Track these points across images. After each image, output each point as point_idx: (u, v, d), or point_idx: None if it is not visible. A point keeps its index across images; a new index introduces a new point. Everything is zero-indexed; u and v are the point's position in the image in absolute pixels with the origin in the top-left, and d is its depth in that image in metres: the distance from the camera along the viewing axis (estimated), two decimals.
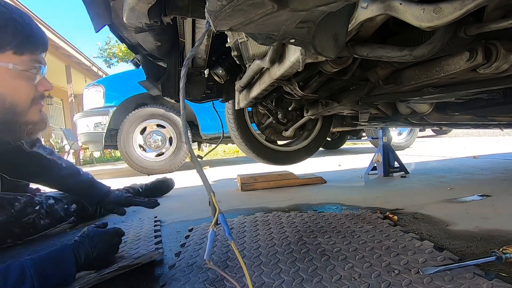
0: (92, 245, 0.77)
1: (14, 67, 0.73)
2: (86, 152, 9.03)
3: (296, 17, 0.43)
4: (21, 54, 0.75)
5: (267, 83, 0.97)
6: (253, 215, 1.25)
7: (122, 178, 3.35)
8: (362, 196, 1.53)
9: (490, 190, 1.44)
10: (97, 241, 0.78)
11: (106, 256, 0.80)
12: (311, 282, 0.66)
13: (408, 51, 0.63)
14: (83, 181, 1.08)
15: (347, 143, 6.37)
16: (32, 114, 0.80)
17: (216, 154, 6.94)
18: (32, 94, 0.79)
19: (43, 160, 1.03)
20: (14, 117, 0.77)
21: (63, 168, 1.06)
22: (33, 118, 0.81)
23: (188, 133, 3.60)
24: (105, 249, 0.79)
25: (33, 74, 0.78)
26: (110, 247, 0.81)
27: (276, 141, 1.97)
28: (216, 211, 0.56)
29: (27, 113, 0.79)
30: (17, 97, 0.76)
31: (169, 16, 0.76)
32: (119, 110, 3.45)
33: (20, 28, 0.74)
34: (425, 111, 1.30)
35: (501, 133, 6.15)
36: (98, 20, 0.78)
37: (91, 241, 0.78)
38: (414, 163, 2.81)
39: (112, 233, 0.85)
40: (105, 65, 16.69)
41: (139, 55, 1.25)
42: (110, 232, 0.85)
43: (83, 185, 1.06)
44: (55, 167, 1.05)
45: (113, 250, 0.83)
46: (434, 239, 0.88)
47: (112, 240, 0.83)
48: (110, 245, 0.81)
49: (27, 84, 0.77)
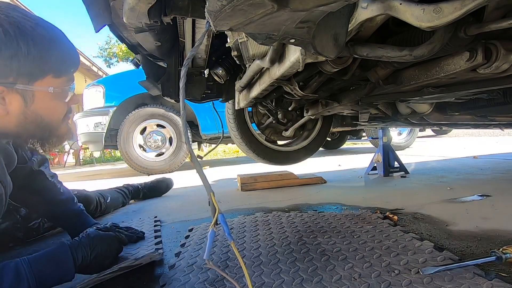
0: (91, 247, 0.76)
1: (54, 90, 0.75)
2: (86, 152, 9.03)
3: (296, 17, 0.43)
4: (59, 77, 0.76)
5: (267, 83, 0.97)
6: (253, 215, 1.25)
7: (122, 178, 3.35)
8: (362, 196, 1.53)
9: (490, 190, 1.44)
10: (97, 243, 0.77)
11: (103, 260, 0.78)
12: (311, 282, 0.66)
13: (408, 51, 0.63)
14: (73, 210, 1.06)
15: (347, 143, 6.37)
16: (63, 128, 0.83)
17: (216, 154, 6.94)
18: (65, 111, 0.82)
19: (45, 180, 1.04)
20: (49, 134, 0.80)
21: (60, 193, 1.06)
22: (63, 131, 0.84)
23: (188, 133, 3.60)
24: (104, 253, 0.78)
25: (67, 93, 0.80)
26: (109, 251, 0.80)
27: (276, 141, 1.97)
28: (216, 211, 0.56)
29: (59, 128, 0.82)
30: (53, 116, 0.79)
31: (169, 16, 0.76)
32: (119, 110, 3.45)
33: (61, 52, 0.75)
34: (425, 111, 1.30)
35: (501, 133, 6.15)
36: (98, 20, 0.78)
37: (91, 242, 0.77)
38: (414, 163, 2.81)
39: (113, 238, 0.84)
40: (105, 65, 16.72)
41: (139, 55, 1.25)
42: (111, 236, 0.84)
43: (71, 214, 1.05)
44: (53, 190, 1.05)
45: (112, 255, 0.81)
46: (434, 239, 0.88)
47: (112, 245, 0.82)
48: (109, 249, 0.80)
49: (61, 103, 0.80)
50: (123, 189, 1.75)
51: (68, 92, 0.80)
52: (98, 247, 0.77)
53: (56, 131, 0.81)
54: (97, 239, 0.79)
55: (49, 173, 1.06)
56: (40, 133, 0.78)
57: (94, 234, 0.80)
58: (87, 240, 0.77)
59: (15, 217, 1.08)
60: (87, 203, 1.35)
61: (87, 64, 9.53)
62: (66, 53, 0.77)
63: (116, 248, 0.83)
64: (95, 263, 0.76)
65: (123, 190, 1.73)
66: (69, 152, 7.86)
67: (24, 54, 0.67)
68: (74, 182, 3.43)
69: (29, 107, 0.72)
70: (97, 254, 0.76)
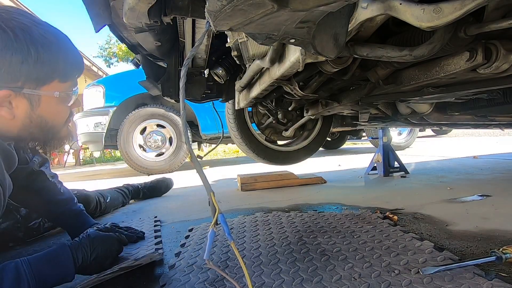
0: (91, 247, 0.76)
1: (60, 94, 0.76)
2: (86, 152, 9.03)
3: (296, 17, 0.43)
4: (65, 82, 0.77)
5: (267, 83, 0.97)
6: (253, 215, 1.25)
7: (122, 178, 3.35)
8: (362, 196, 1.53)
9: (490, 190, 1.44)
10: (97, 244, 0.77)
11: (104, 261, 0.78)
12: (311, 282, 0.66)
13: (408, 51, 0.63)
14: (73, 210, 1.06)
15: (347, 143, 6.37)
16: (64, 130, 0.85)
17: (216, 154, 6.94)
18: (68, 114, 0.84)
19: (46, 181, 1.05)
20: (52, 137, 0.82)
21: (60, 193, 1.06)
22: (64, 134, 0.85)
23: (188, 133, 3.60)
24: (104, 254, 0.78)
25: (71, 97, 0.81)
26: (109, 252, 0.80)
27: (276, 141, 1.97)
28: (216, 211, 0.56)
29: (61, 131, 0.84)
30: (57, 120, 0.80)
31: (169, 16, 0.76)
32: (119, 110, 3.45)
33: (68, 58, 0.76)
34: (425, 111, 1.30)
35: (501, 133, 6.15)
36: (98, 20, 0.78)
37: (91, 243, 0.77)
38: (414, 163, 2.81)
39: (113, 239, 0.83)
40: (105, 64, 16.70)
41: (139, 55, 1.25)
42: (112, 237, 0.84)
43: (71, 214, 1.05)
44: (54, 190, 1.05)
45: (112, 256, 0.81)
46: (434, 239, 0.88)
47: (112, 246, 0.81)
48: (109, 250, 0.80)
49: (65, 107, 0.81)
50: (123, 189, 1.75)
51: (72, 96, 0.81)
52: (98, 248, 0.77)
53: (58, 134, 0.83)
54: (98, 239, 0.79)
55: (50, 173, 1.07)
56: (43, 136, 0.80)
57: (94, 234, 0.80)
58: (87, 240, 0.77)
59: (15, 216, 1.08)
60: (87, 203, 1.35)
61: (87, 64, 9.54)
62: (72, 59, 0.79)
63: (116, 249, 0.83)
64: (95, 264, 0.76)
65: (123, 190, 1.73)
66: (69, 152, 7.86)
67: (34, 60, 0.68)
68: (74, 182, 3.43)
69: (34, 111, 0.74)
70: (97, 255, 0.76)
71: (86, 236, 0.79)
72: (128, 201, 1.76)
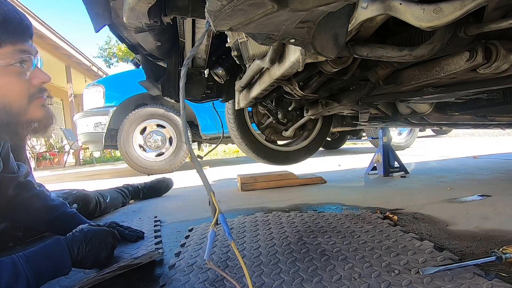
0: (85, 240, 0.77)
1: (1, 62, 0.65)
2: (86, 152, 9.03)
3: (296, 17, 0.43)
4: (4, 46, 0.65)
5: (267, 83, 0.97)
6: (253, 215, 1.25)
7: (122, 178, 3.35)
8: (362, 196, 1.53)
9: (490, 190, 1.44)
10: (91, 237, 0.78)
11: (99, 254, 0.79)
12: (311, 282, 0.66)
13: (408, 51, 0.63)
14: (68, 213, 1.05)
15: (347, 143, 6.38)
16: (34, 111, 0.73)
17: (216, 154, 6.94)
18: (27, 90, 0.71)
19: (34, 189, 1.04)
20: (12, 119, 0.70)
21: (51, 199, 1.05)
22: (35, 115, 0.74)
23: (188, 133, 3.60)
24: (98, 246, 0.78)
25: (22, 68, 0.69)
26: (104, 245, 0.80)
27: (276, 141, 1.97)
28: (216, 211, 0.56)
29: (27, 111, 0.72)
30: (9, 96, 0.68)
31: (169, 16, 0.76)
32: (119, 110, 3.45)
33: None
34: (425, 111, 1.30)
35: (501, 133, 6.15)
36: (98, 20, 0.78)
37: (85, 236, 0.78)
38: (414, 163, 2.81)
39: (106, 232, 0.84)
40: (105, 65, 16.70)
41: (139, 55, 1.25)
42: (105, 231, 0.84)
43: (67, 218, 1.04)
44: (45, 197, 1.04)
45: (106, 249, 0.81)
46: (434, 239, 0.88)
47: (106, 239, 0.82)
48: (103, 243, 0.80)
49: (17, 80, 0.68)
50: (123, 189, 1.75)
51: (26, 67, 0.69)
52: (92, 241, 0.78)
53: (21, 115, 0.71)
54: (91, 232, 0.79)
55: (36, 183, 1.06)
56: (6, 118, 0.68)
57: (87, 228, 0.81)
58: (81, 234, 0.78)
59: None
60: (86, 203, 1.35)
61: (87, 64, 9.51)
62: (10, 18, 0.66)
63: (110, 242, 0.84)
64: (90, 256, 0.76)
65: (123, 190, 1.73)
66: (69, 152, 7.86)
67: None
68: (74, 182, 3.43)
69: None
70: (92, 247, 0.77)
71: (80, 230, 0.80)
72: (128, 201, 1.76)
